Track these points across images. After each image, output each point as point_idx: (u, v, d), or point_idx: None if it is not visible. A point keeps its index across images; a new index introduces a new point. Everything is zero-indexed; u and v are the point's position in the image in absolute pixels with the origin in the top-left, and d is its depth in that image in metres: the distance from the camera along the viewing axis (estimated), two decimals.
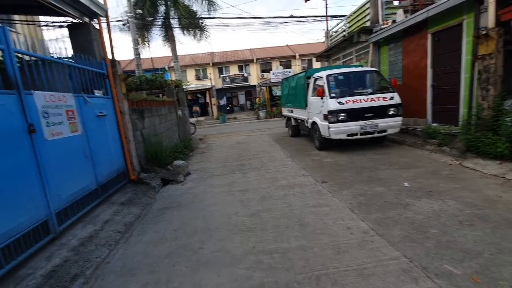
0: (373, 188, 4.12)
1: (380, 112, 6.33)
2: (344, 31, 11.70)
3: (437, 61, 6.54)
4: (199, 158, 7.87)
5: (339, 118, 6.28)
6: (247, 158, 7.24)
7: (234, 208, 3.93)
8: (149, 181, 5.21)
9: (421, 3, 8.14)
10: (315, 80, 7.33)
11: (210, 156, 8.10)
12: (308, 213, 3.49)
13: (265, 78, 28.19)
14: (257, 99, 25.63)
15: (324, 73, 6.88)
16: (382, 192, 3.93)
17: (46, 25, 5.61)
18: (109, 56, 4.97)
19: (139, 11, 15.16)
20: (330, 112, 6.32)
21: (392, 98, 6.34)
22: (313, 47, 30.96)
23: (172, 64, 29.87)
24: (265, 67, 29.01)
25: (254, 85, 28.99)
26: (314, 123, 7.29)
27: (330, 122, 6.35)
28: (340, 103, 6.28)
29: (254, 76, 28.97)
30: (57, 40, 12.55)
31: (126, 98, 5.20)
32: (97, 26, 4.77)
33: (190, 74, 28.63)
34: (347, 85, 6.90)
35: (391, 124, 6.35)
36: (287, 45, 32.03)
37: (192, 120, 24.96)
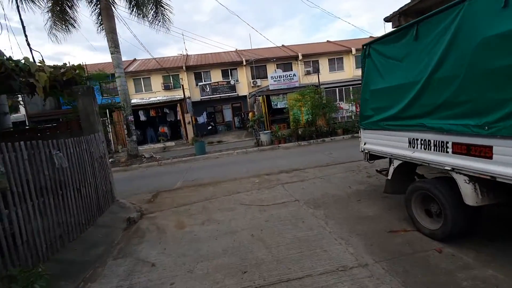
0: None
1: None
2: None
3: None
4: None
5: None
6: None
7: None
8: None
9: None
10: None
11: None
12: None
13: (258, 86, 20.92)
14: (250, 114, 18.13)
15: None
16: None
17: None
18: None
19: None
20: None
21: None
22: (319, 46, 24.33)
23: (131, 68, 22.08)
24: (258, 73, 21.77)
25: (245, 96, 21.52)
26: None
27: None
28: None
29: (243, 83, 21.54)
30: None
31: None
32: None
33: (156, 82, 20.80)
34: None
35: None
36: (283, 45, 25.17)
37: (157, 146, 16.89)
